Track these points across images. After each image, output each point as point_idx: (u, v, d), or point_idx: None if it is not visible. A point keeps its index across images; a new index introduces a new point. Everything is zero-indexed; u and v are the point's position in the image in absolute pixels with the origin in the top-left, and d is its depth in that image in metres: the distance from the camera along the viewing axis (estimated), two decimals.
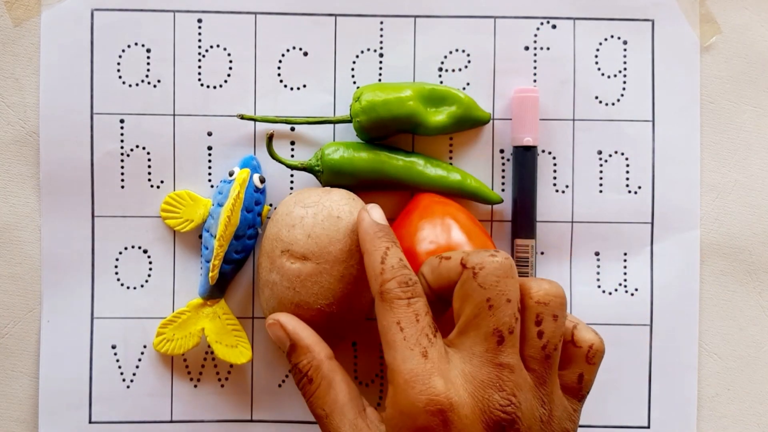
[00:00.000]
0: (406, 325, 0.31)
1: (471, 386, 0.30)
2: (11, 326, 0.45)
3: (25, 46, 0.44)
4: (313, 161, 0.43)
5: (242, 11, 0.44)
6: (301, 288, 0.38)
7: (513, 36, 0.45)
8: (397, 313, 0.32)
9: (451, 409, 0.30)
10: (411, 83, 0.43)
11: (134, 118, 0.44)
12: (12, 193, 0.45)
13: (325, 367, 0.35)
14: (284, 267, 0.38)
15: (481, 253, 0.32)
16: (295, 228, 0.39)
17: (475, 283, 0.31)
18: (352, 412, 0.34)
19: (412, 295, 0.32)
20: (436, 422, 0.29)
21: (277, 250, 0.39)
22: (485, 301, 0.31)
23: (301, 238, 0.38)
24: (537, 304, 0.32)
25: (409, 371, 0.30)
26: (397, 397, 0.30)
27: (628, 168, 0.45)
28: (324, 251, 0.38)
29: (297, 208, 0.39)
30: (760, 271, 0.45)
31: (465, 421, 0.30)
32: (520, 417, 0.30)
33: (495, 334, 0.31)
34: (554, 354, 0.32)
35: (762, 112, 0.45)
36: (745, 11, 0.45)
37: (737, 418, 0.45)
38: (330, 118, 0.44)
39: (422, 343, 0.31)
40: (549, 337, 0.32)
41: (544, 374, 0.32)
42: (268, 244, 0.40)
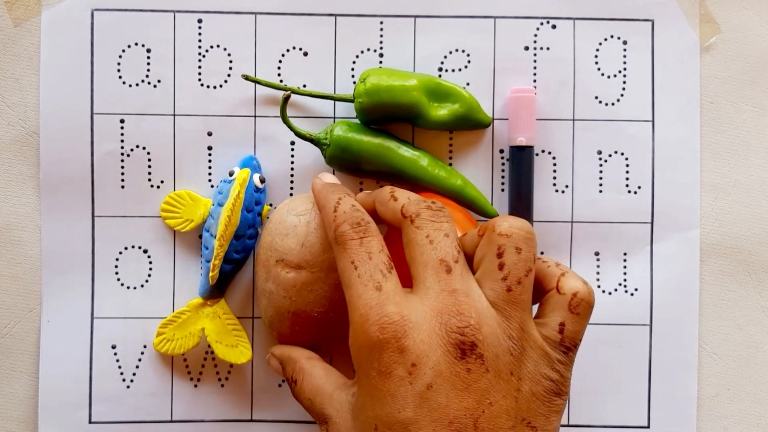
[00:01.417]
0: (359, 264, 0.32)
1: (428, 315, 0.30)
2: (11, 326, 0.45)
3: (26, 46, 0.44)
4: (321, 135, 0.43)
5: (242, 11, 0.44)
6: (297, 297, 0.38)
7: (513, 36, 0.45)
8: (351, 253, 0.32)
9: (405, 334, 0.30)
10: (419, 74, 0.43)
11: (134, 118, 0.44)
12: (12, 193, 0.45)
13: (305, 365, 0.37)
14: (279, 276, 0.39)
15: (419, 203, 0.33)
16: (288, 237, 0.39)
17: (413, 227, 0.33)
18: (330, 387, 0.35)
19: (365, 234, 0.33)
20: (392, 348, 0.30)
21: (271, 259, 0.39)
22: (425, 237, 0.32)
23: (294, 247, 0.38)
24: (499, 236, 0.32)
25: (363, 305, 0.31)
26: (355, 334, 0.31)
27: (628, 168, 0.45)
28: (318, 259, 0.38)
29: (290, 217, 0.39)
30: (760, 271, 0.45)
31: (422, 346, 0.30)
32: (482, 341, 0.30)
33: (441, 264, 0.31)
34: (517, 288, 0.31)
35: (762, 112, 0.45)
36: (745, 11, 0.45)
37: (737, 418, 0.45)
38: (332, 95, 0.44)
39: (376, 278, 0.31)
40: (510, 269, 0.31)
41: (508, 308, 0.31)
42: (263, 253, 0.40)
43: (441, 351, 0.30)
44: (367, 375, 0.31)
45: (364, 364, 0.31)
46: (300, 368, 0.37)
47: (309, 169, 0.44)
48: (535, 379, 0.31)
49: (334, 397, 0.34)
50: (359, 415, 0.31)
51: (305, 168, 0.45)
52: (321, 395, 0.35)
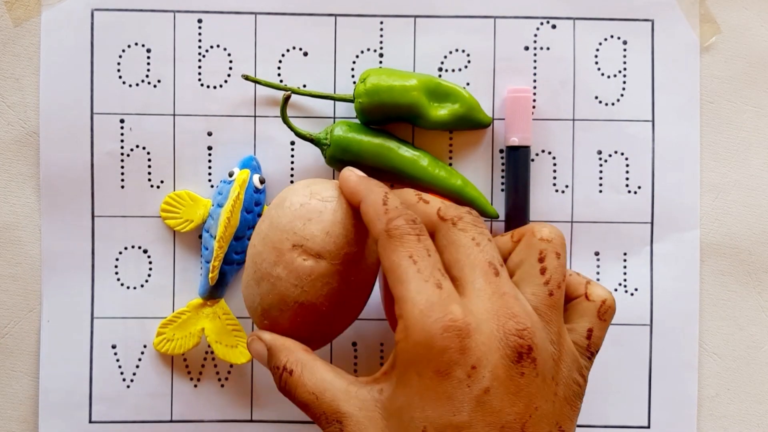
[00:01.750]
0: (419, 259, 0.30)
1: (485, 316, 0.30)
2: (11, 326, 0.45)
3: (26, 46, 0.44)
4: (322, 135, 0.43)
5: (242, 11, 0.44)
6: (309, 288, 0.35)
7: (513, 36, 0.45)
8: (408, 248, 0.30)
9: (469, 335, 0.29)
10: (419, 74, 0.43)
11: (134, 118, 0.44)
12: (12, 193, 0.45)
13: (303, 357, 0.34)
14: (294, 263, 0.35)
15: (458, 208, 0.33)
16: (312, 222, 0.35)
17: (455, 229, 0.32)
18: (343, 383, 0.32)
19: (421, 232, 0.31)
20: (453, 348, 0.28)
21: (287, 242, 0.35)
22: (471, 240, 0.31)
23: (318, 234, 0.35)
24: (540, 241, 0.32)
25: (425, 301, 0.29)
26: (411, 329, 0.29)
27: (628, 168, 0.45)
28: (340, 252, 0.35)
29: (314, 201, 0.36)
30: (760, 271, 0.45)
31: (483, 348, 0.29)
32: (536, 345, 0.29)
33: (490, 266, 0.31)
34: (557, 292, 0.32)
35: (762, 112, 0.45)
36: (745, 11, 0.45)
37: (737, 418, 0.45)
38: (332, 95, 0.44)
39: (436, 276, 0.30)
40: (552, 273, 0.32)
41: (549, 313, 0.31)
42: (275, 234, 0.35)
43: (499, 354, 0.29)
44: (419, 374, 0.29)
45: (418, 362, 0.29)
46: (297, 359, 0.33)
47: (309, 169, 0.45)
48: (568, 383, 0.31)
49: (352, 394, 0.31)
50: (400, 415, 0.30)
51: (305, 168, 0.45)
52: (332, 390, 0.32)
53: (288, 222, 0.35)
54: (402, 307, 0.30)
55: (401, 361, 0.30)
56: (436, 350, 0.29)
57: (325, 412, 0.32)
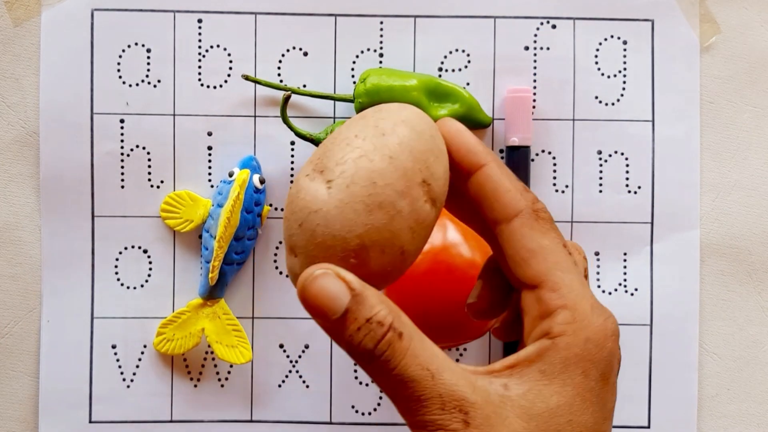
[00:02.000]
0: (572, 250, 0.28)
1: None
2: (11, 326, 0.45)
3: (26, 46, 0.44)
4: (321, 135, 0.43)
5: (242, 11, 0.44)
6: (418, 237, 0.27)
7: (513, 36, 0.45)
8: (560, 235, 0.28)
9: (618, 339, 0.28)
10: (419, 74, 0.43)
11: (134, 118, 0.44)
12: (12, 193, 0.45)
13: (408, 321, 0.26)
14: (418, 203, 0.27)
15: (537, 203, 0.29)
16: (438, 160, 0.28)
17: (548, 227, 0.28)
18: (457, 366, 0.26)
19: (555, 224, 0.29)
20: (616, 354, 0.27)
21: (419, 175, 0.27)
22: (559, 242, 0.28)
23: (441, 176, 0.28)
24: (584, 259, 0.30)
25: (591, 296, 0.27)
26: (583, 323, 0.26)
27: (628, 168, 0.45)
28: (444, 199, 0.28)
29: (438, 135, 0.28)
30: (760, 271, 0.45)
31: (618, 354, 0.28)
32: None
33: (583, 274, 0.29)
34: None
35: (762, 112, 0.45)
36: (745, 11, 0.45)
37: (737, 418, 0.45)
38: (332, 95, 0.44)
39: (579, 272, 0.28)
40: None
41: None
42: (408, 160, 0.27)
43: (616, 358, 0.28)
44: (586, 374, 0.26)
45: (586, 361, 0.26)
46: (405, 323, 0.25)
47: None
48: None
49: (475, 382, 0.25)
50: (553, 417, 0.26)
51: None
52: (450, 371, 0.25)
53: (424, 150, 0.27)
54: (567, 296, 0.26)
55: (561, 356, 0.26)
56: (605, 352, 0.27)
57: (442, 396, 0.25)
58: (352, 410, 0.45)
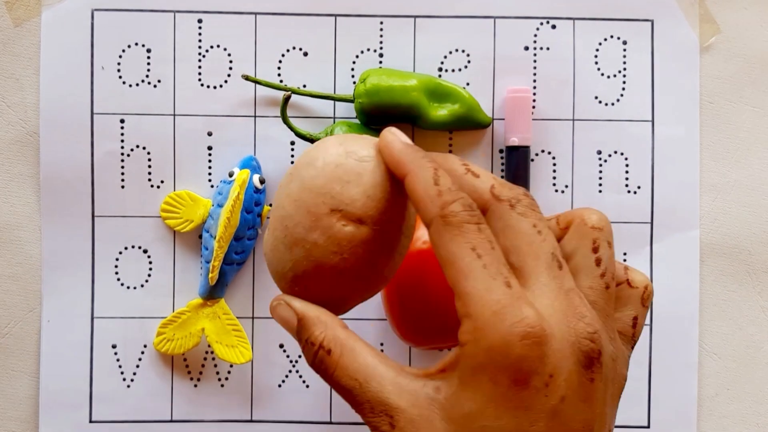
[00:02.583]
0: (483, 252, 0.27)
1: (555, 318, 0.27)
2: (12, 326, 0.45)
3: (26, 46, 0.44)
4: (321, 135, 0.43)
5: (242, 11, 0.44)
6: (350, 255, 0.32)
7: (513, 36, 0.45)
8: (470, 238, 0.27)
9: (546, 342, 0.26)
10: (419, 74, 0.44)
11: (134, 118, 0.44)
12: (12, 193, 0.45)
13: (342, 334, 0.30)
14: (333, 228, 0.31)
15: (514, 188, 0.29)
16: (351, 185, 0.32)
17: (514, 213, 0.28)
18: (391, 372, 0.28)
19: (480, 220, 0.28)
20: (532, 357, 0.26)
21: (323, 207, 0.32)
22: (532, 227, 0.28)
23: (358, 198, 0.32)
24: (593, 230, 0.29)
25: (496, 302, 0.26)
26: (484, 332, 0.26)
27: (628, 168, 0.45)
28: (382, 216, 0.32)
29: (350, 161, 0.33)
30: (760, 271, 0.45)
31: (558, 355, 0.26)
32: (603, 348, 0.27)
33: (554, 259, 0.28)
34: (612, 284, 0.29)
35: (761, 112, 0.45)
36: (745, 11, 0.45)
37: (737, 418, 0.45)
38: (332, 95, 0.44)
39: (503, 272, 0.27)
40: (607, 264, 0.29)
41: (607, 307, 0.29)
42: (309, 197, 0.32)
43: (573, 360, 0.27)
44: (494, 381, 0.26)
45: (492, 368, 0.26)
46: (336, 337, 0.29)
47: None
48: (617, 380, 0.29)
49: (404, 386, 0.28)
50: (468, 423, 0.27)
51: None
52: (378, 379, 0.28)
53: (324, 184, 0.32)
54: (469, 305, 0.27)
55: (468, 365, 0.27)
56: (513, 358, 0.26)
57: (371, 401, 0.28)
58: (352, 410, 0.45)
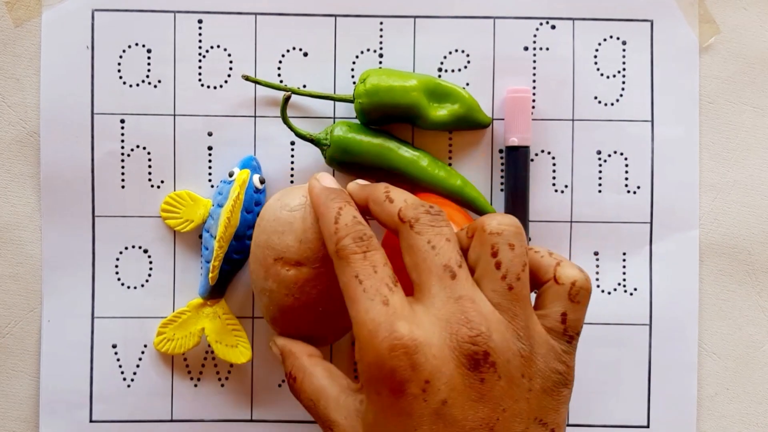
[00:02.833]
0: (364, 278, 0.31)
1: (437, 327, 0.30)
2: (12, 326, 0.45)
3: (26, 46, 0.44)
4: (321, 135, 0.43)
5: (242, 11, 0.44)
6: (300, 293, 0.37)
7: (512, 36, 0.45)
8: (354, 267, 0.31)
9: (417, 350, 0.29)
10: (418, 74, 0.44)
11: (134, 118, 0.44)
12: (13, 192, 0.45)
13: (306, 362, 0.36)
14: (280, 274, 0.37)
15: (418, 208, 0.32)
16: (285, 234, 0.37)
17: (413, 233, 0.32)
18: (335, 391, 0.34)
19: (368, 248, 0.32)
20: (403, 366, 0.29)
21: (269, 258, 0.38)
22: (426, 243, 0.31)
23: (292, 244, 0.37)
24: (491, 235, 0.31)
25: (371, 320, 0.30)
26: (363, 350, 0.30)
27: (627, 168, 0.45)
28: (318, 255, 0.37)
29: (283, 213, 0.38)
30: (759, 271, 0.45)
31: (434, 362, 0.29)
32: (494, 348, 0.29)
33: (446, 270, 0.30)
34: (517, 284, 0.31)
35: (761, 112, 0.45)
36: (744, 11, 0.45)
37: (737, 418, 0.45)
38: (332, 95, 0.44)
39: (382, 292, 0.30)
40: (507, 266, 0.31)
41: (512, 307, 0.31)
42: (259, 251, 0.38)
43: (454, 364, 0.29)
44: (378, 392, 0.30)
45: (375, 382, 0.30)
46: (300, 365, 0.36)
47: (309, 169, 0.45)
48: (545, 375, 0.31)
49: (340, 402, 0.33)
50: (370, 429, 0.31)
51: (305, 168, 0.45)
52: (325, 398, 0.33)
53: (266, 239, 0.38)
54: (354, 328, 0.30)
55: (362, 380, 0.31)
56: (387, 370, 0.29)
57: (321, 418, 0.33)
58: None
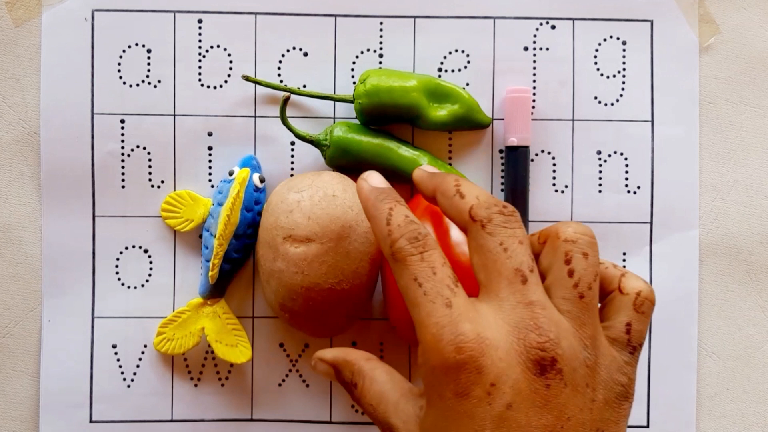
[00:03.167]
0: (424, 280, 0.30)
1: (504, 331, 0.29)
2: (12, 326, 0.45)
3: (26, 46, 0.44)
4: (321, 136, 0.43)
5: (242, 11, 0.44)
6: (309, 270, 0.38)
7: (512, 36, 0.45)
8: (413, 270, 0.30)
9: (483, 353, 0.28)
10: (418, 75, 0.44)
11: (135, 118, 0.44)
12: (13, 192, 0.45)
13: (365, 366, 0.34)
14: (289, 252, 0.38)
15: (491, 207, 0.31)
16: (293, 213, 0.39)
17: (484, 233, 0.31)
18: (395, 395, 0.33)
19: (424, 248, 0.31)
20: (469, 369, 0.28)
21: (278, 237, 0.39)
22: (498, 245, 0.30)
23: (301, 221, 0.38)
24: (565, 242, 0.31)
25: (434, 324, 0.29)
26: (427, 354, 0.29)
27: (627, 168, 0.45)
28: (327, 230, 0.38)
29: (291, 194, 0.39)
30: (759, 271, 0.45)
31: (500, 365, 0.28)
32: (561, 356, 0.29)
33: (517, 274, 0.30)
34: (588, 294, 0.31)
35: (761, 112, 0.45)
36: (744, 11, 0.45)
37: (737, 418, 0.45)
38: (332, 96, 0.44)
39: (444, 294, 0.29)
40: (580, 275, 0.31)
41: (581, 316, 0.30)
42: (267, 234, 0.39)
43: (520, 368, 0.29)
44: (441, 396, 0.29)
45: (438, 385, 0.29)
46: (359, 370, 0.34)
47: (309, 169, 0.45)
48: (608, 386, 0.30)
49: (400, 407, 0.32)
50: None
51: (305, 168, 0.45)
52: (385, 403, 0.33)
53: (274, 220, 0.39)
54: (417, 331, 0.30)
55: (425, 384, 0.30)
56: (451, 373, 0.28)
57: (380, 422, 0.33)
58: (351, 410, 0.45)
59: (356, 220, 0.39)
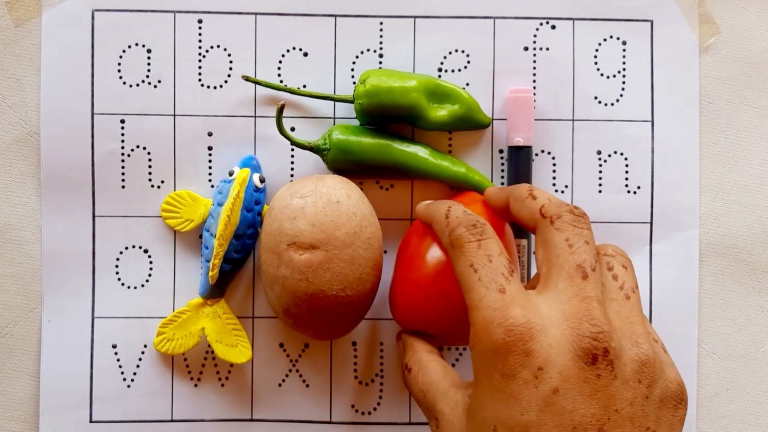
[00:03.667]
0: (479, 267, 0.31)
1: (557, 318, 0.30)
2: (12, 326, 0.45)
3: (26, 46, 0.44)
4: (320, 141, 0.43)
5: (242, 11, 0.44)
6: (314, 277, 0.38)
7: (512, 36, 0.45)
8: (469, 256, 0.32)
9: (532, 337, 0.29)
10: (418, 75, 0.44)
11: (135, 118, 0.44)
12: (13, 192, 0.45)
13: (423, 356, 0.37)
14: (293, 259, 0.38)
15: (562, 206, 0.33)
16: (297, 219, 0.38)
17: (552, 228, 0.32)
18: (445, 384, 0.34)
19: (482, 236, 0.32)
20: (516, 351, 0.29)
21: (282, 244, 0.38)
22: (564, 240, 0.31)
23: (305, 228, 0.38)
24: (605, 256, 0.33)
25: (486, 307, 0.30)
26: (478, 336, 0.30)
27: (627, 168, 0.45)
28: (331, 237, 0.38)
29: (294, 200, 0.39)
30: (759, 271, 0.45)
31: (550, 350, 0.29)
32: (614, 348, 0.29)
33: (578, 269, 0.31)
34: (633, 296, 0.32)
35: (761, 113, 0.45)
36: (744, 11, 0.45)
37: (737, 418, 0.45)
38: (332, 96, 0.44)
39: (498, 280, 0.31)
40: (624, 279, 0.32)
41: (630, 315, 0.31)
42: (271, 240, 0.39)
43: (570, 356, 0.29)
44: (489, 377, 0.30)
45: (487, 366, 0.30)
46: (418, 359, 0.37)
47: (309, 169, 0.45)
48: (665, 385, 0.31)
49: (449, 395, 0.33)
50: (476, 415, 0.31)
51: (305, 168, 0.45)
52: (435, 390, 0.34)
53: (278, 226, 0.39)
54: (470, 314, 0.31)
55: (475, 367, 0.31)
56: (500, 354, 0.29)
57: (428, 408, 0.34)
58: (351, 410, 0.45)
59: (360, 226, 0.39)
